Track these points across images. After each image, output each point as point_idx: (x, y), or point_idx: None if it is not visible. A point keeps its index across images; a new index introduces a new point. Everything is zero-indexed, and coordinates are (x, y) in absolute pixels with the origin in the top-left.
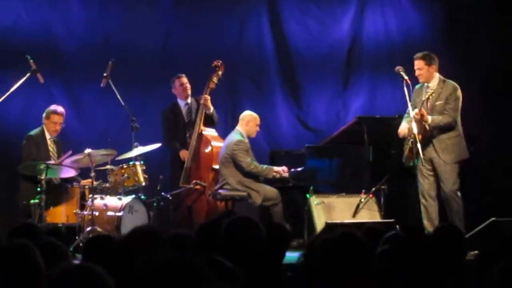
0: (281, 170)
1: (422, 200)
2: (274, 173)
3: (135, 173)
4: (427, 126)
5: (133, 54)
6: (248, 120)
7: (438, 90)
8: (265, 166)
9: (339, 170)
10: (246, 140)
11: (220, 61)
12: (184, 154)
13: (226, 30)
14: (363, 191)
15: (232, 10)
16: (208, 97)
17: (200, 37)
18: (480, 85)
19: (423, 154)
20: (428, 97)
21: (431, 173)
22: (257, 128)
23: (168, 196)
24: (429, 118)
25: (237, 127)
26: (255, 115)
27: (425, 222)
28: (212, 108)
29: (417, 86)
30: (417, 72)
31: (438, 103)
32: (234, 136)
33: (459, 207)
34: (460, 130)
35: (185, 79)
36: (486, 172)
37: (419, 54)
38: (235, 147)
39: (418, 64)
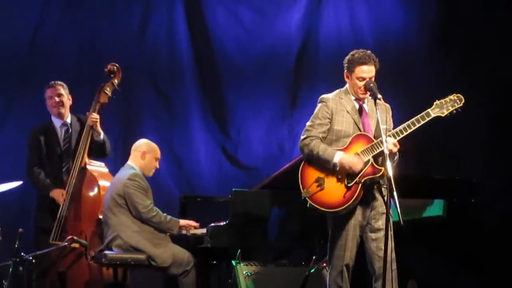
0: (192, 223)
1: (346, 278)
2: (182, 228)
3: None
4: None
5: None
6: (144, 152)
7: (371, 108)
8: (169, 216)
9: (281, 226)
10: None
11: (117, 65)
12: (58, 195)
13: (121, 20)
14: (314, 257)
15: None
16: (97, 117)
17: (84, 31)
18: (485, 109)
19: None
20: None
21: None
22: (156, 165)
23: (31, 258)
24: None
25: (129, 162)
26: (153, 145)
27: None
28: (102, 133)
29: (325, 98)
30: (364, 83)
31: (384, 127)
32: (125, 171)
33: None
34: None
35: (59, 89)
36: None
37: (372, 55)
38: (128, 183)
39: (371, 70)
